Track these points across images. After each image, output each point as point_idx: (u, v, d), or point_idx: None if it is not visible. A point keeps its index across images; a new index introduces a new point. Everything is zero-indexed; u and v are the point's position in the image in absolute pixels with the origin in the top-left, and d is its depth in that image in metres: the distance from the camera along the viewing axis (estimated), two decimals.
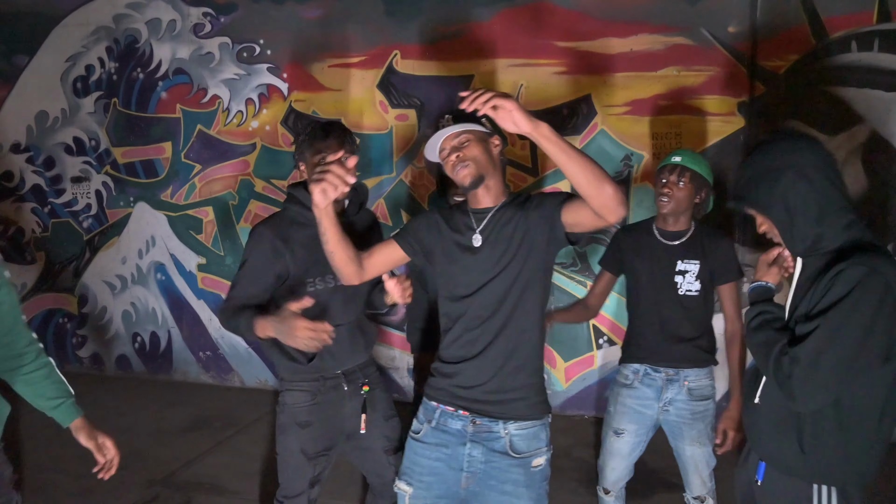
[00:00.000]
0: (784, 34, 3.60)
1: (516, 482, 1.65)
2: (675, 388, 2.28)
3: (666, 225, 2.31)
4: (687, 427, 2.28)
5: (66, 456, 3.52)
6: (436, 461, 1.71)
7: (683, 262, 2.27)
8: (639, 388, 2.32)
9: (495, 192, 1.72)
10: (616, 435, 2.35)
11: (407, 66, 4.12)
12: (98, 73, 4.72)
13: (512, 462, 1.65)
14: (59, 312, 5.05)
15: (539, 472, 1.67)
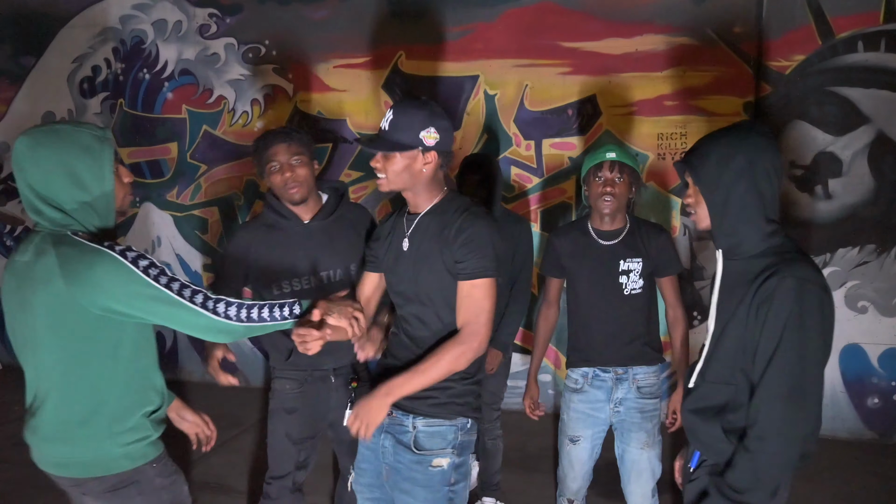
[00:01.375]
0: (790, 34, 3.59)
1: (414, 480, 1.69)
2: (625, 387, 2.25)
3: (602, 224, 2.26)
4: (635, 427, 2.25)
5: None
6: (366, 449, 1.82)
7: (626, 261, 2.22)
8: (589, 392, 2.29)
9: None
10: (572, 443, 2.32)
11: (412, 67, 4.12)
12: (104, 73, 4.74)
13: (413, 458, 1.69)
14: None
15: (438, 472, 1.68)
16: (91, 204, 1.50)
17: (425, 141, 1.64)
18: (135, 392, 1.60)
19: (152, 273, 1.46)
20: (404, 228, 1.78)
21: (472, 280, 1.64)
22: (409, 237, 1.75)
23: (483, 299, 1.65)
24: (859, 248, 3.64)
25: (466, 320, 1.65)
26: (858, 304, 3.67)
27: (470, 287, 1.65)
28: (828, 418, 3.74)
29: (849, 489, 3.17)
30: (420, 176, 1.69)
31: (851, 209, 3.62)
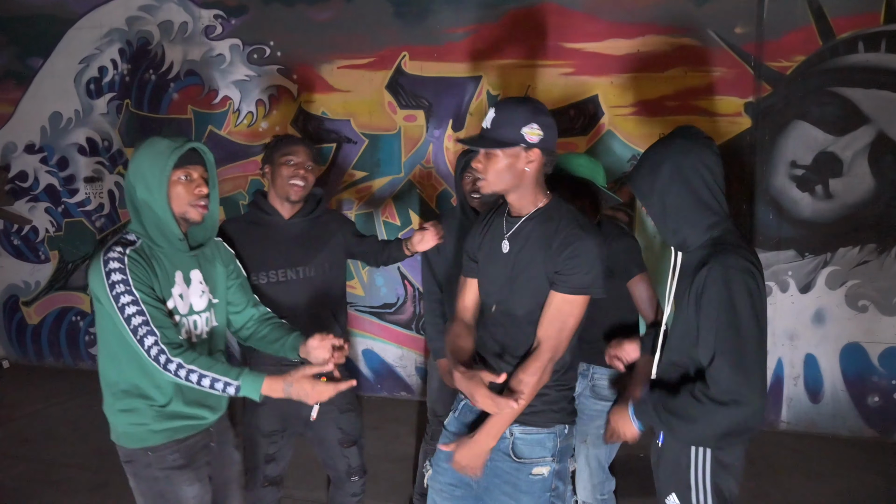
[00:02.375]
0: (790, 35, 3.62)
1: (516, 486, 1.66)
2: (583, 384, 2.27)
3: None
4: (581, 424, 2.24)
5: (82, 451, 3.59)
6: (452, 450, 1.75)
7: None
8: None
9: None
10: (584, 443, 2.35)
11: (415, 68, 4.15)
12: (111, 74, 4.78)
13: (513, 465, 1.67)
14: (71, 310, 5.12)
15: (540, 480, 1.66)
16: (146, 206, 1.63)
17: (528, 137, 1.57)
18: (134, 378, 1.68)
19: (117, 290, 1.57)
20: (503, 230, 1.71)
21: (566, 294, 1.59)
22: (510, 239, 1.68)
23: (570, 316, 1.61)
24: (860, 247, 3.66)
25: (548, 334, 1.61)
26: (859, 303, 3.69)
27: (562, 301, 1.60)
28: (828, 417, 3.81)
29: (849, 487, 3.19)
30: (523, 176, 1.62)
31: (852, 209, 3.64)
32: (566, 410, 1.72)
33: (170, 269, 1.67)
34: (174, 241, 1.65)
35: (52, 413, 4.19)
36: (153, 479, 1.70)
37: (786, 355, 3.83)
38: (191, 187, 1.64)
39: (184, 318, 1.70)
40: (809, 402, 3.83)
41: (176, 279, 1.67)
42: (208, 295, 1.77)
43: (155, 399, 1.68)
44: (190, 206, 1.65)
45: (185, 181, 1.64)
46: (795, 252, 3.74)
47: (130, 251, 1.59)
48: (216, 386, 1.59)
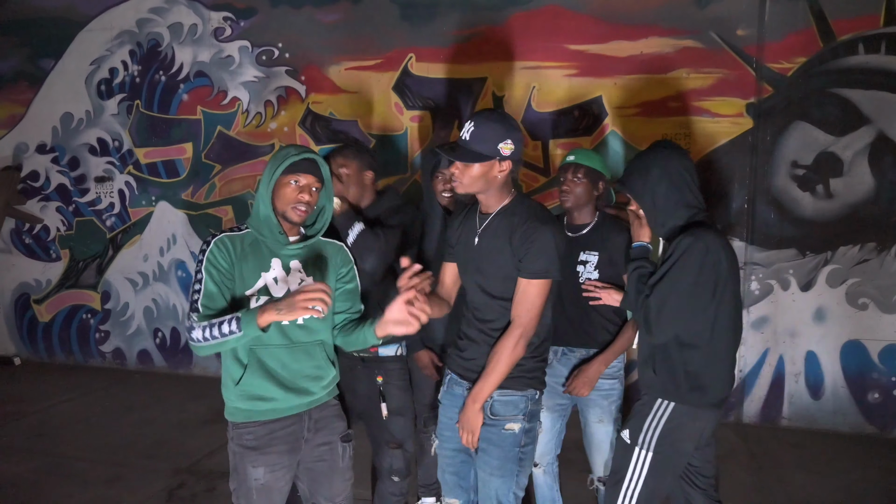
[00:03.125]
0: (792, 37, 3.67)
1: (489, 440, 1.91)
2: (575, 360, 2.45)
3: (571, 219, 2.47)
4: (592, 404, 2.43)
5: (94, 445, 3.66)
6: (450, 419, 2.02)
7: (584, 252, 2.39)
8: (556, 367, 2.46)
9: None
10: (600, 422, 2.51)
11: (422, 69, 4.21)
12: (121, 76, 4.85)
13: (489, 422, 1.91)
14: (82, 308, 5.19)
15: (510, 435, 1.90)
16: (260, 199, 1.86)
17: (502, 151, 1.82)
18: (227, 354, 1.85)
19: (196, 268, 1.83)
20: (476, 225, 1.96)
21: (530, 279, 1.84)
22: (480, 234, 1.93)
23: (537, 297, 1.84)
24: (860, 246, 3.71)
25: (518, 313, 1.85)
26: (859, 300, 3.74)
27: (527, 284, 1.84)
28: (829, 413, 3.86)
29: (849, 482, 3.24)
30: (494, 181, 1.87)
31: (852, 208, 3.69)
32: (538, 379, 1.98)
33: (267, 256, 1.87)
34: (275, 233, 1.85)
35: (64, 409, 4.26)
36: (232, 452, 1.90)
37: (787, 352, 3.88)
38: (295, 192, 1.83)
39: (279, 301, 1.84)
40: (810, 399, 3.88)
41: (273, 265, 1.86)
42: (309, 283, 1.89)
43: (233, 373, 1.84)
44: (290, 207, 1.84)
45: (293, 186, 1.83)
46: (796, 251, 3.79)
47: (224, 236, 1.83)
48: (223, 328, 1.71)
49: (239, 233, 1.87)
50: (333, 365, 1.96)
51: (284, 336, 1.86)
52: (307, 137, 4.49)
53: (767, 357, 3.91)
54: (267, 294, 1.83)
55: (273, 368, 1.83)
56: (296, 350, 1.86)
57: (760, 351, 3.91)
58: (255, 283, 1.83)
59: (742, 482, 3.24)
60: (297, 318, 1.76)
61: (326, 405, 1.97)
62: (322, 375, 1.91)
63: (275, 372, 1.83)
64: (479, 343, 1.94)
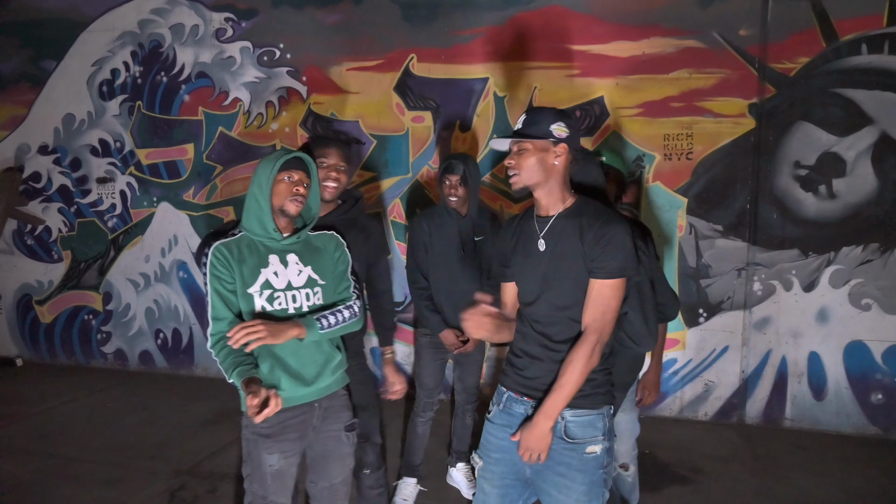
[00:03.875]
0: (794, 37, 3.66)
1: (569, 465, 1.75)
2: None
3: None
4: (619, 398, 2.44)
5: (96, 446, 3.65)
6: (502, 440, 1.85)
7: None
8: None
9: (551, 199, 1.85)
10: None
11: (423, 70, 4.21)
12: (123, 76, 4.85)
13: (566, 446, 1.76)
14: (84, 309, 5.20)
15: (593, 458, 1.76)
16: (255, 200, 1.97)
17: (556, 132, 1.74)
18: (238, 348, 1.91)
19: (205, 280, 1.95)
20: (536, 230, 1.82)
21: (604, 280, 1.71)
22: (545, 238, 1.79)
23: (612, 299, 1.72)
24: (863, 246, 3.69)
25: (593, 318, 1.72)
26: (862, 301, 3.73)
27: (601, 286, 1.72)
28: (832, 414, 3.84)
29: (853, 483, 3.22)
30: (552, 171, 1.76)
31: (855, 208, 3.68)
32: (610, 392, 1.84)
33: (264, 253, 1.98)
34: (269, 230, 1.97)
35: (65, 410, 4.26)
36: (246, 439, 1.98)
37: (790, 353, 3.86)
38: (291, 186, 1.97)
39: (281, 292, 1.97)
40: (813, 400, 3.87)
41: (270, 261, 1.98)
42: (309, 274, 2.02)
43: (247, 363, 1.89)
44: (288, 200, 1.97)
45: (288, 181, 1.97)
46: (799, 251, 3.78)
47: (220, 244, 1.93)
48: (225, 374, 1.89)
49: (234, 238, 1.98)
50: (339, 349, 2.08)
51: None
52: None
53: (770, 358, 3.89)
54: (269, 287, 1.95)
55: (284, 358, 1.95)
56: (302, 342, 1.98)
57: (763, 352, 3.90)
58: (257, 279, 1.95)
59: (744, 483, 3.23)
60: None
61: (336, 395, 2.08)
62: (329, 359, 2.03)
63: (286, 362, 1.96)
64: (542, 360, 1.79)
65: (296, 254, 2.02)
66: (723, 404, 3.99)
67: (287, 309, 1.96)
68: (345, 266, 2.13)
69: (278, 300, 1.95)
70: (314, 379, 1.99)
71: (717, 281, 3.89)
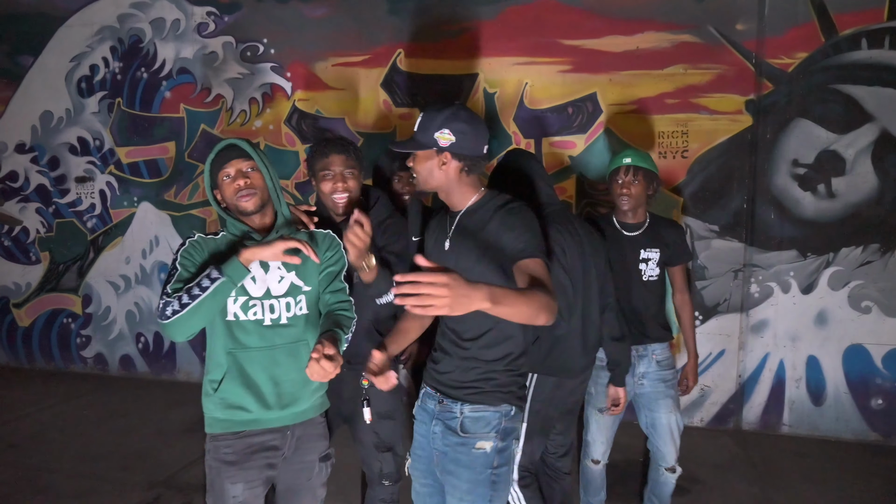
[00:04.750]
0: (792, 31, 3.56)
1: (458, 461, 1.74)
2: (646, 363, 2.53)
3: (626, 218, 2.54)
4: (662, 395, 2.52)
5: (69, 456, 3.51)
6: (421, 436, 1.88)
7: (646, 250, 2.52)
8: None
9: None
10: (600, 412, 2.55)
11: (411, 65, 4.09)
12: (102, 72, 4.72)
13: (458, 440, 1.74)
14: (63, 312, 5.05)
15: (482, 455, 1.72)
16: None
17: (439, 141, 1.70)
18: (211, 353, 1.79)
19: (170, 266, 1.77)
20: (447, 228, 1.83)
21: (529, 259, 1.59)
22: (451, 238, 1.80)
23: (545, 275, 1.57)
24: (863, 247, 3.59)
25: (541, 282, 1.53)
26: (862, 304, 3.62)
27: (529, 263, 1.59)
28: (831, 419, 3.73)
29: (852, 491, 3.12)
30: (448, 176, 1.74)
31: (855, 208, 3.58)
32: (515, 394, 1.79)
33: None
34: (244, 232, 1.80)
35: (41, 417, 4.11)
36: (209, 466, 1.80)
37: (788, 357, 3.76)
38: (231, 184, 1.76)
39: (258, 300, 1.77)
40: (812, 405, 3.76)
41: (251, 265, 1.76)
42: (292, 280, 1.82)
43: (214, 376, 1.77)
44: (236, 199, 1.76)
45: (227, 180, 1.77)
46: (797, 252, 3.67)
47: (200, 237, 1.80)
48: (202, 283, 1.65)
49: (215, 236, 1.83)
50: None
51: (264, 338, 1.76)
52: (293, 136, 4.36)
53: (767, 362, 3.79)
54: (245, 294, 1.76)
55: (253, 376, 1.75)
56: (278, 353, 1.77)
57: (760, 356, 3.79)
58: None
59: (742, 491, 3.12)
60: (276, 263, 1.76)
61: (311, 422, 1.86)
62: (309, 379, 1.73)
63: (256, 380, 1.75)
64: (452, 356, 1.80)
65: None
66: (719, 410, 3.88)
67: (263, 320, 1.76)
68: (338, 267, 1.90)
69: (253, 309, 1.76)
70: (290, 402, 1.78)
71: (714, 283, 3.78)
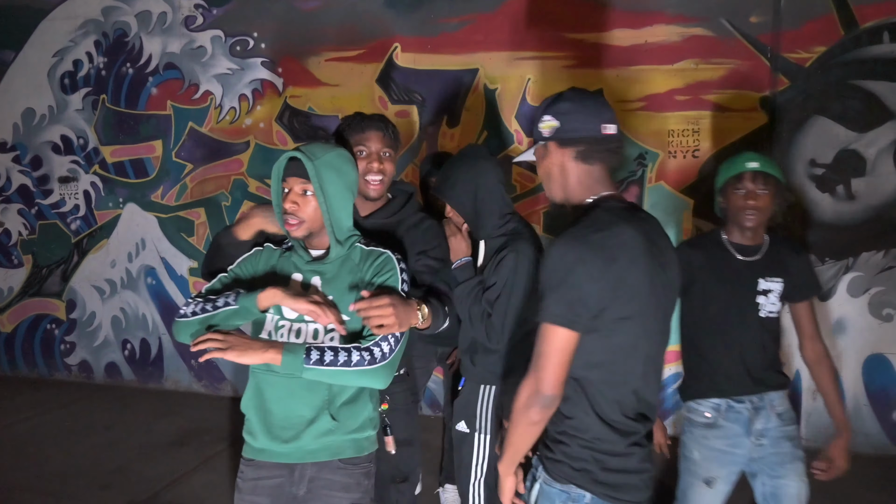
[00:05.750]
0: (810, 24, 3.41)
1: None
2: (764, 417, 1.98)
3: (742, 238, 2.02)
4: (789, 458, 2.00)
5: (47, 473, 3.34)
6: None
7: (766, 280, 1.99)
8: (725, 426, 2.00)
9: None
10: (708, 485, 2.03)
11: (408, 60, 3.94)
12: (86, 68, 4.56)
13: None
14: (46, 318, 4.88)
15: None
16: None
17: (543, 132, 1.46)
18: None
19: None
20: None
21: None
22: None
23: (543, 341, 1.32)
24: (884, 251, 3.43)
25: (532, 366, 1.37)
26: (883, 311, 3.46)
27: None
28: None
29: None
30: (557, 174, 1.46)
31: (876, 210, 3.42)
32: (589, 474, 1.37)
33: (290, 271, 1.66)
34: (297, 246, 1.66)
35: (20, 430, 3.93)
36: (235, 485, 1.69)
37: (804, 367, 3.57)
38: (285, 202, 1.61)
39: (288, 321, 1.60)
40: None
41: (291, 280, 1.64)
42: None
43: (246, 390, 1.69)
44: (284, 220, 1.62)
45: (285, 193, 1.61)
46: (815, 257, 3.51)
47: (269, 245, 1.71)
48: (218, 302, 1.58)
49: (282, 246, 1.72)
50: (331, 416, 1.58)
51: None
52: (284, 134, 4.18)
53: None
54: (279, 313, 1.60)
55: (270, 402, 1.59)
56: (294, 383, 1.54)
57: None
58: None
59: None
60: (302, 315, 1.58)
61: (329, 467, 1.60)
62: (316, 420, 1.56)
63: (270, 407, 1.58)
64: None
65: (322, 276, 1.61)
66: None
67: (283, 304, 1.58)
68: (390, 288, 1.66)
69: (282, 331, 1.58)
70: (294, 436, 1.58)
71: None
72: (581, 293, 1.28)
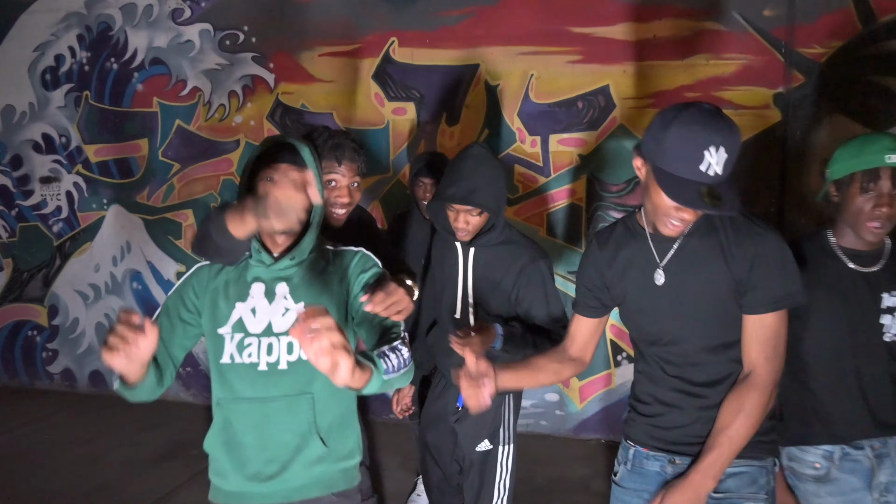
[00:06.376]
0: (826, 18, 3.29)
1: None
2: (890, 467, 1.62)
3: (858, 243, 1.63)
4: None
5: (23, 491, 3.17)
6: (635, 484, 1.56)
7: (891, 294, 1.62)
8: (840, 479, 1.64)
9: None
10: None
11: (405, 55, 3.79)
12: (68, 63, 4.38)
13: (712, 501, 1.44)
14: (27, 325, 4.70)
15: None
16: None
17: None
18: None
19: None
20: (654, 258, 1.46)
21: (770, 312, 1.38)
22: (666, 269, 1.44)
23: (781, 329, 1.39)
24: None
25: (765, 357, 1.38)
26: None
27: (765, 318, 1.38)
28: None
29: None
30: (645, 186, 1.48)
31: None
32: (776, 443, 1.52)
33: (249, 280, 1.44)
34: (255, 250, 1.44)
35: None
36: None
37: None
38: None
39: (255, 337, 1.41)
40: None
41: (252, 291, 1.43)
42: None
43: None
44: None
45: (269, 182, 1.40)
46: None
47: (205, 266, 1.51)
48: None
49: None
50: (320, 439, 1.40)
51: (256, 387, 1.37)
52: (276, 132, 4.01)
53: None
54: (241, 331, 1.41)
55: (240, 434, 1.39)
56: (272, 407, 1.37)
57: None
58: (230, 317, 1.42)
59: None
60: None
61: (321, 503, 1.42)
62: (303, 446, 1.38)
63: (241, 440, 1.38)
64: (683, 408, 1.47)
65: (288, 283, 1.43)
66: None
67: (258, 364, 1.38)
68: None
69: (248, 349, 1.39)
70: (277, 472, 1.38)
71: None
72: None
